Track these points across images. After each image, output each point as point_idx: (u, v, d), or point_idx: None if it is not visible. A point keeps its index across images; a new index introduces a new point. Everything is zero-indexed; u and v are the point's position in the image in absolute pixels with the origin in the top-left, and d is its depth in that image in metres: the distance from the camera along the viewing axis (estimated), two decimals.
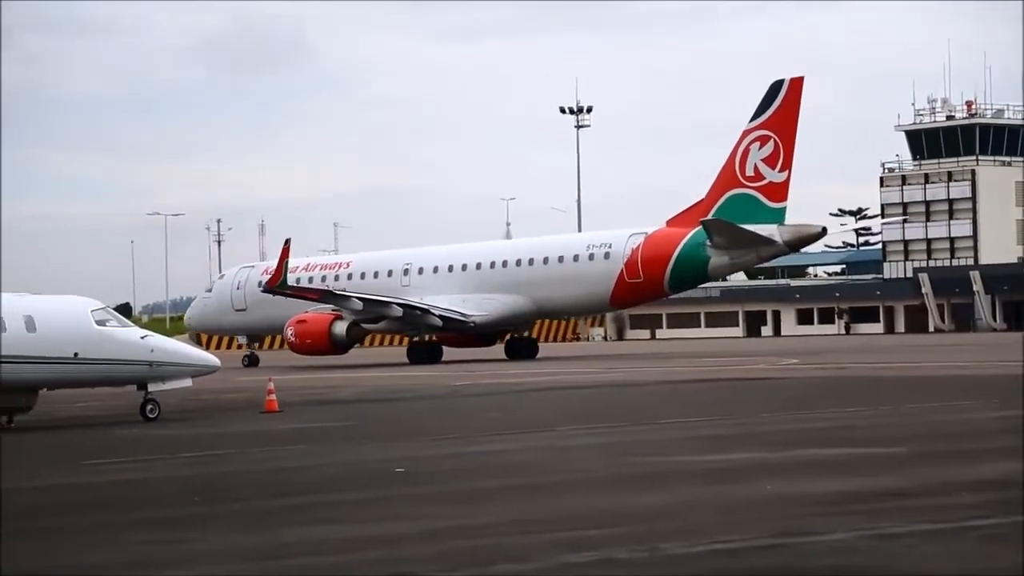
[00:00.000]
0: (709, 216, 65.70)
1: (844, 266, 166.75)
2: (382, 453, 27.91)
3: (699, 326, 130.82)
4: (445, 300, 72.82)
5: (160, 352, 38.63)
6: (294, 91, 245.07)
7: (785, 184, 64.03)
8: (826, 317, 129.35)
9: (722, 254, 64.95)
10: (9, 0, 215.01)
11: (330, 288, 75.22)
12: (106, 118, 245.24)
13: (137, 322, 50.07)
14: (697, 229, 66.93)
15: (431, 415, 38.80)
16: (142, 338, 38.81)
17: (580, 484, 21.92)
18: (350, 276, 77.29)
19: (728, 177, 65.25)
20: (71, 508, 21.22)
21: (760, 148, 63.91)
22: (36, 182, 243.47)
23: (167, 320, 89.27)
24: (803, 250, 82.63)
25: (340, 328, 73.33)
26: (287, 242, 72.21)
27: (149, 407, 38.43)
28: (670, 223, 69.32)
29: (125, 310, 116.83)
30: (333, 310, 73.77)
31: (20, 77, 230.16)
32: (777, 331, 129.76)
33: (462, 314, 72.05)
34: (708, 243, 66.26)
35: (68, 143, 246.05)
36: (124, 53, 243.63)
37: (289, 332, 74.15)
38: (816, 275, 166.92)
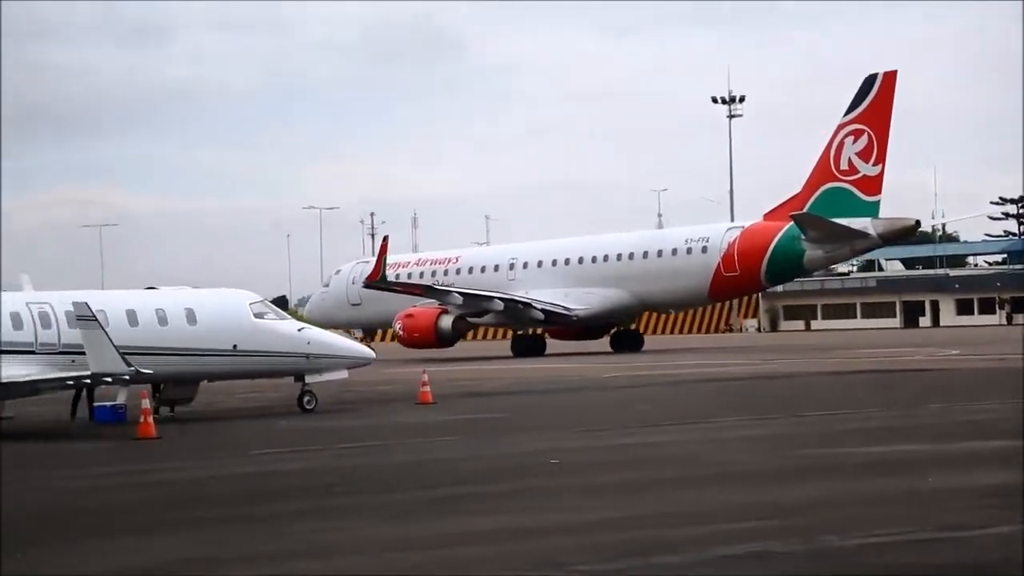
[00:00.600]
0: (804, 210, 65.76)
1: (1006, 255, 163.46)
2: (535, 444, 27.99)
3: (855, 317, 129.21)
4: (548, 294, 73.49)
5: (316, 344, 39.12)
6: (448, 86, 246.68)
7: (879, 177, 64.04)
8: (987, 307, 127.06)
9: (816, 247, 65.23)
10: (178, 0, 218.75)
11: (434, 283, 76.43)
12: (262, 114, 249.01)
13: (293, 315, 50.62)
14: (792, 223, 67.19)
15: (583, 407, 38.82)
16: (299, 331, 39.32)
17: (734, 476, 21.78)
18: (458, 271, 78.45)
19: (823, 171, 65.33)
20: (242, 497, 21.59)
21: (854, 142, 63.96)
22: (196, 177, 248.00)
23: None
24: (964, 239, 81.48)
25: (446, 322, 74.42)
26: (385, 239, 74.78)
27: (306, 398, 38.93)
28: (767, 216, 69.38)
29: (281, 303, 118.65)
30: (440, 304, 74.79)
31: (184, 76, 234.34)
32: (936, 321, 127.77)
33: (565, 308, 72.64)
34: (803, 237, 66.38)
35: (225, 139, 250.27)
36: (276, 50, 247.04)
37: (397, 326, 75.47)
38: (976, 264, 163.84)
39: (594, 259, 73.77)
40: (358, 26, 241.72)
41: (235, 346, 38.16)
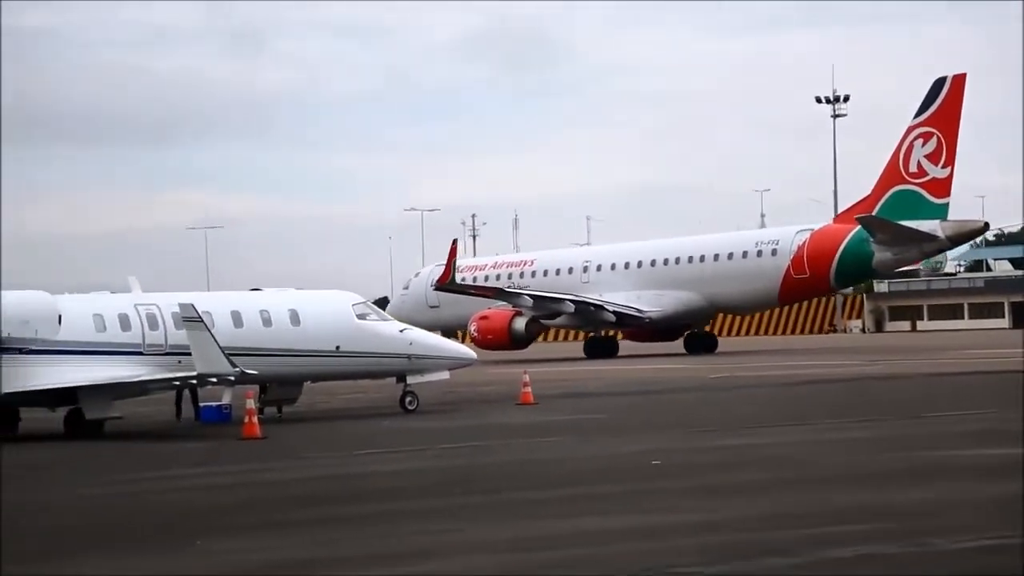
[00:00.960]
0: (873, 213, 65.83)
1: None
2: (637, 445, 27.94)
3: (962, 317, 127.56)
4: (621, 296, 74.08)
5: (418, 345, 39.31)
6: (552, 88, 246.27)
7: (948, 180, 64.29)
8: None
9: (885, 250, 65.57)
10: (270, 0, 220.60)
11: (509, 286, 77.15)
12: (365, 118, 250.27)
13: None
14: (860, 226, 67.48)
15: (685, 407, 38.70)
16: (401, 332, 39.53)
17: (841, 478, 21.63)
18: (534, 274, 79.45)
19: (892, 173, 65.58)
20: (349, 498, 21.77)
21: (923, 145, 64.27)
22: (299, 181, 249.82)
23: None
24: None
25: (519, 324, 75.09)
26: (454, 242, 76.18)
27: (408, 399, 39.14)
28: (837, 220, 69.82)
29: (383, 304, 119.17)
30: (513, 307, 75.45)
31: (283, 78, 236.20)
32: None
33: (637, 310, 73.22)
34: (871, 239, 66.45)
35: (327, 143, 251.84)
36: (379, 54, 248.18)
37: (472, 328, 76.18)
38: None
39: (666, 262, 74.47)
40: (461, 29, 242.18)
41: (338, 347, 38.43)
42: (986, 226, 70.55)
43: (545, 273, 78.54)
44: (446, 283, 74.42)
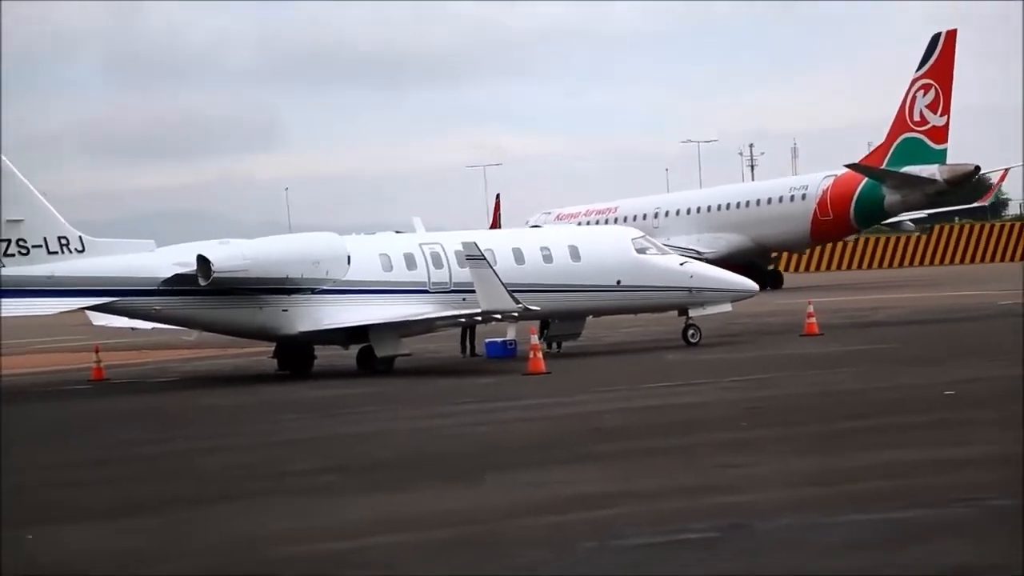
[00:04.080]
0: (886, 157, 71.16)
1: None
2: (929, 377, 27.42)
3: None
4: (684, 240, 76.56)
5: (699, 278, 39.22)
6: (834, 19, 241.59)
7: (945, 128, 70.02)
8: None
9: (894, 193, 71.25)
10: None
11: None
12: (648, 52, 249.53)
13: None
14: None
15: (974, 336, 37.71)
16: (681, 265, 39.50)
17: None
18: (616, 220, 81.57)
19: (900, 122, 71.50)
20: (644, 431, 21.96)
21: (924, 95, 70.20)
22: (577, 118, 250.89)
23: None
24: None
25: None
26: (498, 196, 78.23)
27: (691, 332, 39.12)
28: (860, 164, 74.03)
29: None
30: None
31: (575, 16, 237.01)
32: None
33: (697, 252, 76.41)
34: (883, 184, 71.75)
35: (605, 80, 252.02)
36: None
37: None
38: None
39: (719, 207, 78.73)
40: None
41: (619, 281, 38.60)
42: (977, 168, 74.23)
43: (625, 220, 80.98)
44: None
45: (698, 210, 79.99)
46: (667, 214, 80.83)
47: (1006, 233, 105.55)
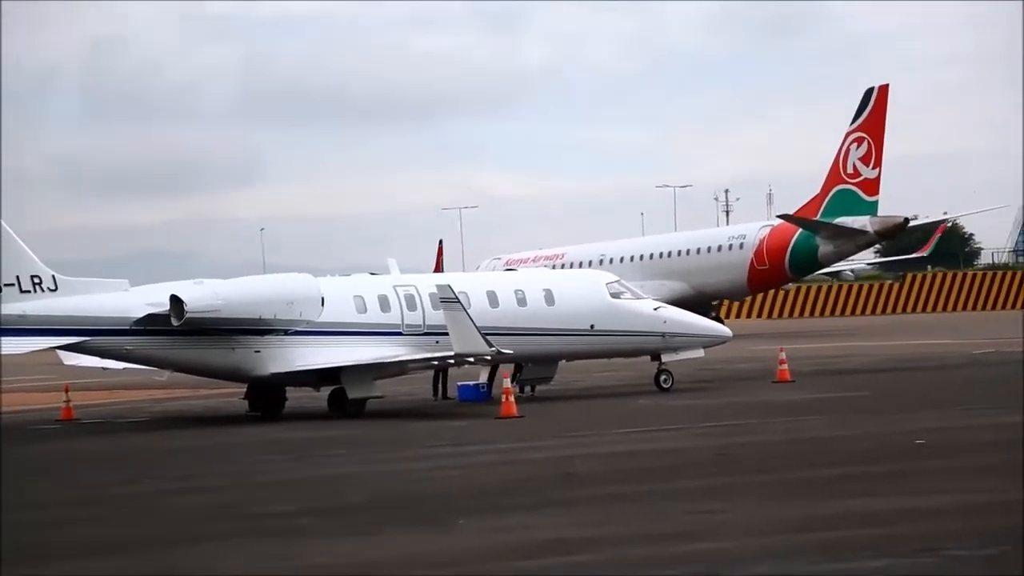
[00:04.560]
0: (821, 207, 73.19)
1: None
2: (900, 425, 27.53)
3: None
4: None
5: (672, 323, 39.31)
6: (807, 57, 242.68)
7: (877, 180, 72.09)
8: None
9: (827, 243, 73.18)
10: None
11: None
12: (622, 90, 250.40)
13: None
14: None
15: (946, 385, 37.87)
16: (655, 310, 39.60)
17: None
18: (563, 266, 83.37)
19: (835, 174, 73.59)
20: (612, 477, 21.96)
21: (857, 148, 72.03)
22: (552, 156, 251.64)
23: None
24: None
25: None
26: (440, 243, 78.69)
27: (663, 377, 39.15)
28: (795, 214, 76.22)
29: None
30: None
31: (542, 56, 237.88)
32: None
33: None
34: (815, 235, 73.72)
35: (581, 117, 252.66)
36: (636, 28, 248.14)
37: None
38: None
39: (661, 255, 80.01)
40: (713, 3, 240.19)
41: (592, 326, 38.66)
42: (907, 221, 76.61)
43: (571, 266, 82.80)
44: None
45: (641, 257, 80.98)
46: (611, 261, 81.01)
47: (979, 282, 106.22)
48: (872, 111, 72.08)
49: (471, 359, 35.59)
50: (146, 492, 22.82)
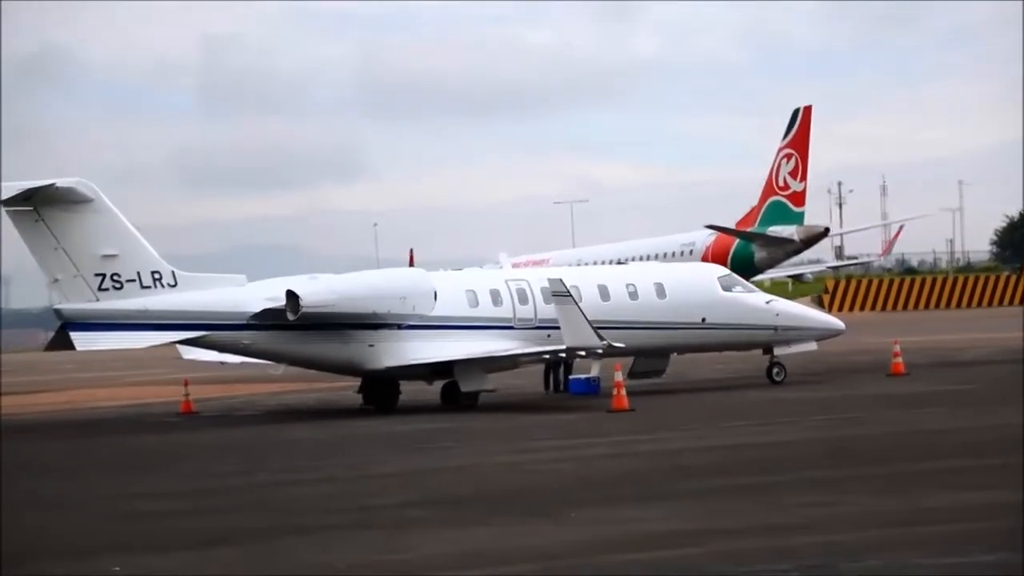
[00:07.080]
0: (758, 217, 74.95)
1: None
2: (1014, 417, 27.17)
3: None
4: None
5: (785, 316, 39.16)
6: (928, 46, 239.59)
7: (803, 192, 76.11)
8: None
9: (761, 251, 76.41)
10: None
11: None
12: (733, 81, 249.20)
13: (760, 286, 50.74)
14: None
15: None
16: (767, 303, 39.44)
17: None
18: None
19: (769, 186, 77.39)
20: (725, 469, 21.96)
21: (787, 163, 76.12)
22: (664, 147, 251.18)
23: (788, 284, 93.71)
24: None
25: None
26: (411, 251, 78.95)
27: (775, 370, 39.03)
28: (738, 223, 78.25)
29: None
30: None
31: (649, 47, 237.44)
32: None
33: None
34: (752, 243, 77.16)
35: (695, 108, 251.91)
36: (747, 17, 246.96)
37: None
38: None
39: (619, 261, 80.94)
40: None
41: (704, 319, 38.61)
42: (827, 230, 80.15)
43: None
44: None
45: (603, 263, 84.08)
46: (583, 265, 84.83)
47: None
48: (798, 130, 75.46)
49: (582, 352, 35.70)
50: (261, 483, 23.17)
